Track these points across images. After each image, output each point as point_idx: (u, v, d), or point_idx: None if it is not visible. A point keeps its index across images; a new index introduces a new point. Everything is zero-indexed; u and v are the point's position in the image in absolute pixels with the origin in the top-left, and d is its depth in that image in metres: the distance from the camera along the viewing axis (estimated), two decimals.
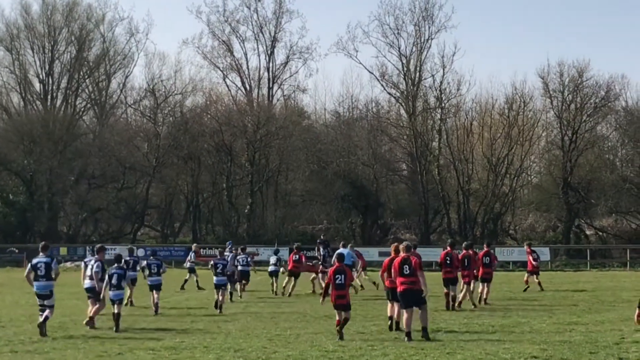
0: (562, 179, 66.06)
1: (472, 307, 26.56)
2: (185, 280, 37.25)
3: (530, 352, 16.22)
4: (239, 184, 70.97)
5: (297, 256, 34.58)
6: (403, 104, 74.15)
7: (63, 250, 58.93)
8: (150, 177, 69.59)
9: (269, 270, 34.94)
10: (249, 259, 34.34)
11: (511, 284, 37.99)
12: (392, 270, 19.46)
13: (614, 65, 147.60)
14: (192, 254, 38.44)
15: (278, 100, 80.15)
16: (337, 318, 19.18)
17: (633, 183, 65.51)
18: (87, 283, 23.12)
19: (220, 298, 26.43)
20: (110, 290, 21.83)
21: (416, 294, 18.77)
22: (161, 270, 27.37)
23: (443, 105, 70.89)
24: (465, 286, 27.09)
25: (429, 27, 72.37)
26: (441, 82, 70.88)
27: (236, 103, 76.12)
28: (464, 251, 27.87)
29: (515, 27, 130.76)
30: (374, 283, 33.64)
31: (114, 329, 20.90)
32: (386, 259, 20.38)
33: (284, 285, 33.75)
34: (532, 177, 78.15)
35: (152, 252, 31.30)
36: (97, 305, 22.06)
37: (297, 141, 69.88)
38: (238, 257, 33.51)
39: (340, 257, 20.74)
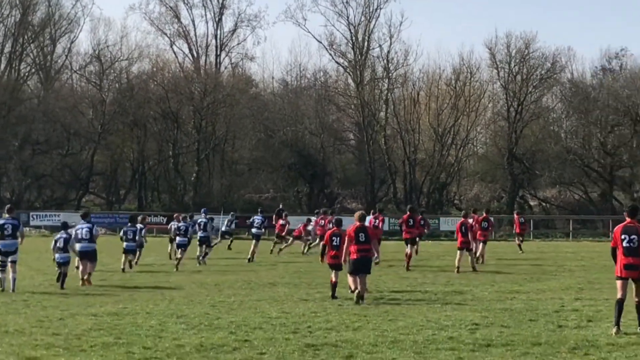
0: (507, 150, 66.73)
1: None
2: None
3: (471, 319, 16.35)
4: (186, 152, 70.63)
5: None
6: (351, 74, 74.16)
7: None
8: (96, 143, 68.99)
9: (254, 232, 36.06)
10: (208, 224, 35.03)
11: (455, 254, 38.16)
12: (347, 238, 20.02)
13: (560, 37, 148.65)
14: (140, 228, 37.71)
15: (226, 68, 79.64)
16: (332, 278, 20.53)
17: (577, 154, 66.32)
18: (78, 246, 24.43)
19: (180, 256, 30.23)
20: (56, 253, 23.63)
21: (368, 262, 19.93)
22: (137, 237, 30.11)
23: (390, 75, 71.10)
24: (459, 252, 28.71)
25: None
26: (388, 52, 71.15)
27: (183, 70, 75.51)
28: (463, 219, 29.98)
29: None
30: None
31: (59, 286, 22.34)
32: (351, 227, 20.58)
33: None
34: (478, 147, 78.72)
35: (130, 218, 33.38)
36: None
37: (244, 109, 69.68)
38: (199, 221, 34.29)
39: (338, 222, 22.36)
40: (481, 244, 32.70)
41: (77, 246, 23.90)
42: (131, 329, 15.18)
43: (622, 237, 15.15)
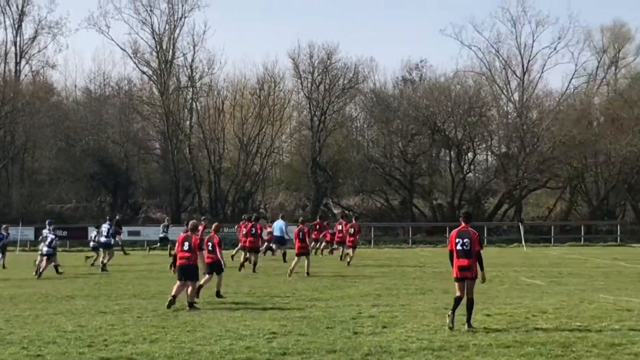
0: (311, 159, 67.64)
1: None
2: None
3: (269, 328, 16.48)
4: None
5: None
6: (155, 82, 73.31)
7: None
8: None
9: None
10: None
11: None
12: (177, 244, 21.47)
13: (363, 48, 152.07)
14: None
15: (26, 76, 77.11)
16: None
17: (378, 163, 67.89)
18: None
19: (44, 265, 31.81)
20: None
21: (188, 269, 20.78)
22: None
23: (195, 84, 70.82)
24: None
25: (182, 5, 71.81)
26: (192, 61, 70.80)
27: None
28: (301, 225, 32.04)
29: (269, 8, 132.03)
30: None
31: None
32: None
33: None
34: (283, 156, 79.43)
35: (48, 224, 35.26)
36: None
37: (45, 118, 67.76)
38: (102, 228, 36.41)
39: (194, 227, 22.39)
40: (351, 249, 37.12)
41: None
42: None
43: (457, 240, 16.56)
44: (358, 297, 22.81)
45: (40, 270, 31.61)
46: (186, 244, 20.93)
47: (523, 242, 53.43)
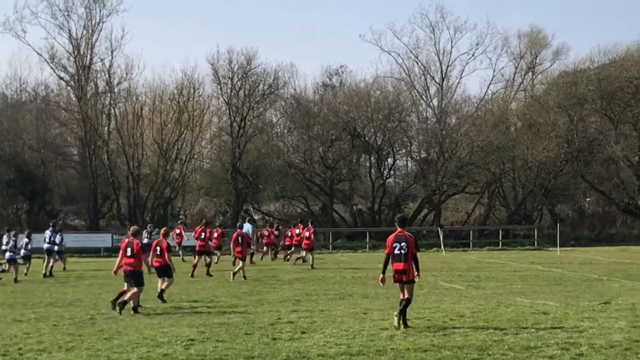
0: (231, 165, 67.35)
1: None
2: None
3: (187, 334, 16.34)
4: None
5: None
6: (73, 88, 72.28)
7: None
8: None
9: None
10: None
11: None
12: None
13: (284, 55, 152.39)
14: None
15: None
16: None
17: (298, 169, 67.90)
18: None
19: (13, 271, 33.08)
20: None
21: (131, 275, 21.24)
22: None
23: (113, 89, 70.01)
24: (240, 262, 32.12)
25: (100, 10, 70.79)
26: (110, 66, 69.91)
27: None
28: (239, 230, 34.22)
29: (188, 14, 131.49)
30: None
31: None
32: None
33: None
34: (203, 162, 79.03)
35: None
36: None
37: None
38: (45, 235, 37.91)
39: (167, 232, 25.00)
40: (306, 252, 39.64)
41: None
42: None
43: (394, 245, 17.04)
44: (277, 302, 22.77)
45: None
46: (129, 249, 21.35)
47: (442, 246, 53.89)
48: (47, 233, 38.17)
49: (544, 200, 68.25)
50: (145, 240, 38.39)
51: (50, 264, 36.12)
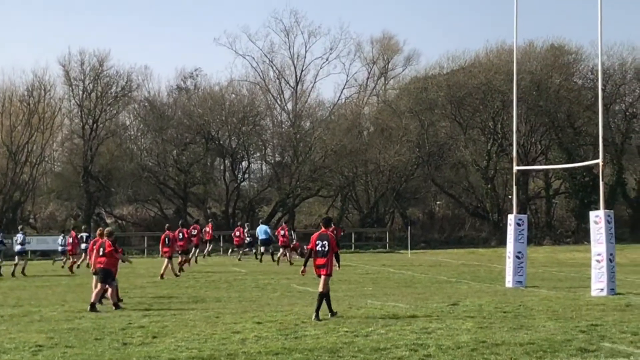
0: (82, 168, 66.12)
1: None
2: None
3: (36, 340, 16.02)
4: None
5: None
6: None
7: None
8: None
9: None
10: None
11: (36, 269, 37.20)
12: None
13: (137, 57, 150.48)
14: None
15: None
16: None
17: (152, 172, 67.33)
18: None
19: None
20: None
21: (106, 272, 22.73)
22: None
23: None
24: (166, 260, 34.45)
25: None
26: None
27: None
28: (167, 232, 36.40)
29: (38, 14, 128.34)
30: None
31: None
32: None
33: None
34: (54, 165, 77.35)
35: None
36: None
37: None
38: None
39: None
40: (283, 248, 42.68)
41: None
42: None
43: (317, 242, 19.19)
44: (129, 307, 22.54)
45: None
46: (101, 249, 23.07)
47: (409, 247, 54.10)
48: (20, 236, 39.28)
49: (396, 203, 69.60)
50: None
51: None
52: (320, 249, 19.10)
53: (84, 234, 42.45)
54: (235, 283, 30.80)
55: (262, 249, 45.81)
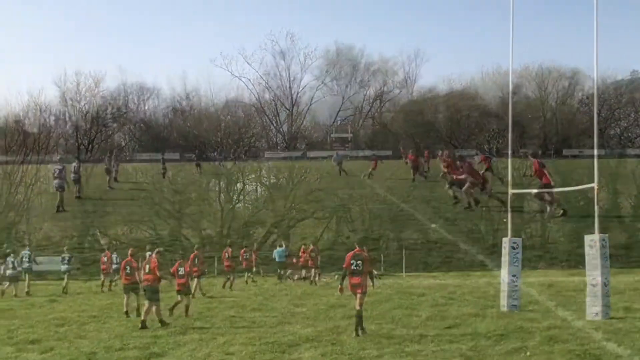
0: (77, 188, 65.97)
1: None
2: None
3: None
4: None
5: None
6: None
7: None
8: None
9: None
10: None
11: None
12: None
13: (135, 78, 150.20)
14: None
15: None
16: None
17: (148, 193, 67.23)
18: None
19: None
20: None
21: (151, 289, 23.41)
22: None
23: None
24: None
25: None
26: None
27: None
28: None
29: (39, 38, 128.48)
30: None
31: None
32: None
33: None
34: (50, 186, 76.99)
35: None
36: None
37: None
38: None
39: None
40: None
41: None
42: None
43: (352, 261, 20.11)
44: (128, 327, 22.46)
45: None
46: (147, 267, 24.23)
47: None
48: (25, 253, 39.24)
49: (391, 226, 69.44)
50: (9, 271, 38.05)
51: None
52: (355, 268, 20.07)
53: (114, 255, 42.24)
54: (234, 304, 30.70)
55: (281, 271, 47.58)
